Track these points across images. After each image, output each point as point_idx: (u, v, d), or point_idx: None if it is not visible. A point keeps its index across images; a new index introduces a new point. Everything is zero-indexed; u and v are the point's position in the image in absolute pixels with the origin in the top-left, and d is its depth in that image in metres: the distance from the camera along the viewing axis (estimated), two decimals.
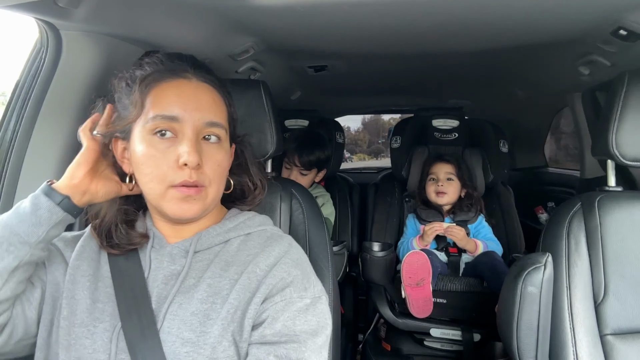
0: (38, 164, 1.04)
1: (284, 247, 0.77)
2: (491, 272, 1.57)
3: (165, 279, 0.74)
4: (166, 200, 0.71)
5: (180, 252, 0.76)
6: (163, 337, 0.69)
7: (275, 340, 0.68)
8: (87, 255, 0.77)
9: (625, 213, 1.06)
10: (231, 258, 0.76)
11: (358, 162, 4.14)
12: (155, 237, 0.78)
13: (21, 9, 0.84)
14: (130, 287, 0.73)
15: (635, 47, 1.22)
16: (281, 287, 0.71)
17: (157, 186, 0.71)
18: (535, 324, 0.99)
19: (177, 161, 0.69)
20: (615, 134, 1.06)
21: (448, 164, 1.87)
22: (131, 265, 0.76)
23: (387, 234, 1.93)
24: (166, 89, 0.73)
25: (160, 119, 0.70)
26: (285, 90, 2.18)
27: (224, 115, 0.77)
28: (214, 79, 0.78)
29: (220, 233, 0.79)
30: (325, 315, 0.73)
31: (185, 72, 0.75)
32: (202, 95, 0.74)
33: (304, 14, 1.14)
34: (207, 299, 0.71)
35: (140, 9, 0.99)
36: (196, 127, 0.71)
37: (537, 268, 0.99)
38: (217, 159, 0.73)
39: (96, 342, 0.70)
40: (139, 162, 0.72)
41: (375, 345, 1.84)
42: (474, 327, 1.60)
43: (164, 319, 0.71)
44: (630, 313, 1.01)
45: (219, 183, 0.75)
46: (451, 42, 1.42)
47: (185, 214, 0.72)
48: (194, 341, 0.68)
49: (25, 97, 1.04)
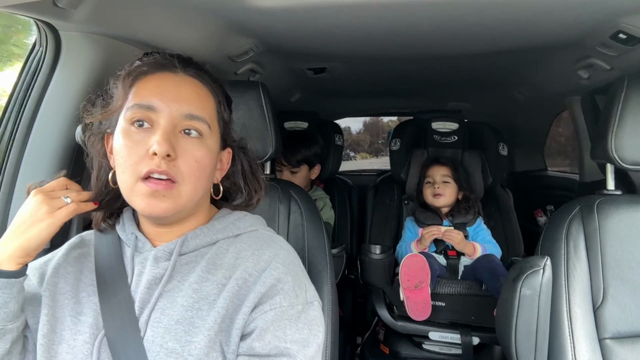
0: (36, 164, 1.04)
1: (275, 250, 0.74)
2: (490, 275, 1.56)
3: (148, 283, 0.71)
4: (134, 194, 0.67)
5: (164, 255, 0.72)
6: (147, 346, 0.66)
7: (265, 353, 0.65)
8: (64, 272, 0.75)
9: (624, 217, 1.06)
10: (219, 261, 0.72)
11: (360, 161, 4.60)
12: (138, 241, 0.75)
13: (20, 9, 0.84)
14: (114, 294, 0.70)
15: (634, 51, 1.22)
16: (271, 294, 0.68)
17: (127, 178, 0.68)
18: (533, 328, 0.99)
19: (148, 151, 0.66)
20: (614, 137, 1.06)
21: (444, 167, 1.87)
22: (115, 271, 0.73)
23: (386, 237, 1.93)
24: (149, 81, 0.71)
25: (137, 107, 0.68)
26: (284, 92, 2.18)
27: (210, 112, 0.73)
28: (203, 75, 0.75)
29: (208, 234, 0.75)
30: (317, 322, 0.70)
31: (172, 66, 0.73)
32: (184, 87, 0.71)
33: (303, 16, 1.14)
34: (192, 305, 0.68)
35: (140, 10, 0.99)
36: (173, 118, 0.68)
37: (535, 271, 0.99)
38: (194, 155, 0.69)
39: (76, 356, 0.67)
40: (116, 153, 0.70)
41: (374, 348, 1.84)
42: (472, 331, 1.59)
43: (146, 327, 0.68)
44: (629, 317, 1.00)
45: (195, 182, 0.69)
46: (451, 45, 1.42)
47: (154, 210, 0.67)
48: (178, 352, 0.65)
49: (24, 98, 1.04)
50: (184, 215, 0.74)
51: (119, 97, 0.71)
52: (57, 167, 1.05)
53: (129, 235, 0.76)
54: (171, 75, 0.72)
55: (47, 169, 1.04)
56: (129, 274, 0.73)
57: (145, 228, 0.77)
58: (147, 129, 0.68)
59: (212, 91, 0.75)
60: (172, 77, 0.72)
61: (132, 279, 0.72)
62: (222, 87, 0.79)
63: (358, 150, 4.79)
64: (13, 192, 1.03)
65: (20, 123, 1.03)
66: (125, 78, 0.71)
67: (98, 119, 0.74)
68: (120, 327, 0.67)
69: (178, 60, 0.73)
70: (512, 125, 2.62)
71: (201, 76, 0.74)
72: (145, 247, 0.75)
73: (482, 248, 1.72)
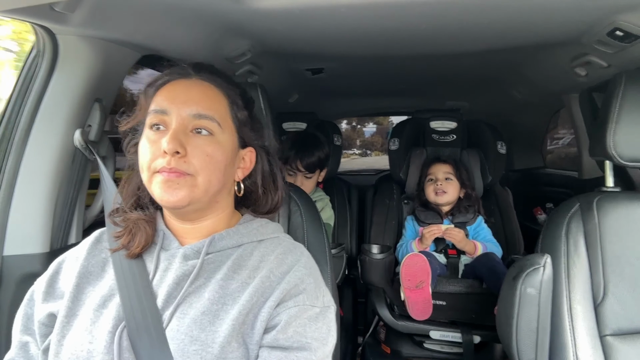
0: (35, 168, 1.04)
1: (297, 256, 0.79)
2: (490, 273, 1.57)
3: (177, 279, 0.74)
4: (152, 185, 0.73)
5: (193, 253, 0.77)
6: (171, 334, 0.70)
7: (287, 345, 0.69)
8: (84, 268, 0.78)
9: (623, 213, 1.06)
10: (244, 262, 0.77)
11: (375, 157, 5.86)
12: (165, 238, 0.79)
13: (18, 13, 0.84)
14: (133, 286, 0.74)
15: (631, 48, 1.22)
16: (295, 293, 0.73)
17: (145, 174, 0.74)
18: (534, 325, 0.99)
19: (161, 149, 0.72)
20: (612, 134, 1.06)
21: (446, 164, 1.88)
22: (135, 265, 0.76)
23: (386, 236, 1.93)
24: (165, 89, 0.77)
25: (153, 113, 0.75)
26: (282, 93, 2.18)
27: (221, 111, 0.77)
28: (216, 79, 0.80)
29: (234, 237, 0.80)
30: (333, 325, 0.75)
31: (186, 73, 0.79)
32: (193, 89, 0.77)
33: (300, 16, 1.14)
34: (218, 299, 0.72)
35: (137, 13, 0.99)
36: (182, 119, 0.73)
37: (536, 269, 0.99)
38: (205, 150, 0.74)
39: (100, 344, 0.70)
40: (138, 154, 0.76)
41: (375, 348, 1.84)
42: (473, 329, 1.60)
43: (172, 317, 0.71)
44: (630, 313, 1.00)
45: (209, 174, 0.74)
46: (448, 43, 1.43)
47: (171, 198, 0.72)
48: (202, 339, 0.68)
49: (22, 101, 1.04)
50: (202, 207, 0.78)
51: (142, 106, 0.78)
52: (55, 171, 1.05)
53: (158, 233, 0.80)
54: (183, 81, 0.78)
55: (46, 172, 1.04)
56: (152, 269, 0.77)
57: (171, 225, 0.81)
58: (162, 131, 0.74)
59: (225, 92, 0.80)
60: (184, 82, 0.78)
61: (155, 273, 0.76)
62: (239, 89, 0.83)
63: (372, 149, 6.21)
64: (12, 197, 1.03)
65: (19, 127, 1.03)
66: (148, 89, 0.79)
67: (128, 126, 0.81)
68: (141, 318, 0.71)
69: (193, 67, 0.80)
70: (511, 124, 2.63)
71: (213, 79, 0.80)
72: (173, 245, 0.79)
73: (482, 247, 1.72)
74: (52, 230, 1.06)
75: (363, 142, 6.46)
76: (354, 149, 6.24)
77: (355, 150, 6.29)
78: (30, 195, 1.04)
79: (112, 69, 1.09)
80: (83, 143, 1.06)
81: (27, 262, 1.02)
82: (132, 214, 0.80)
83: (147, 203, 0.82)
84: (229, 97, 0.80)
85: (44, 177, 1.04)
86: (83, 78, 1.03)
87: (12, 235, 1.03)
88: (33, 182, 1.04)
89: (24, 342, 0.76)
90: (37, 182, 1.04)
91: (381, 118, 5.44)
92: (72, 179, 1.10)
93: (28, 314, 0.78)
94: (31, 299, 0.79)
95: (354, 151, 6.20)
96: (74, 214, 1.14)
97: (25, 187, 1.04)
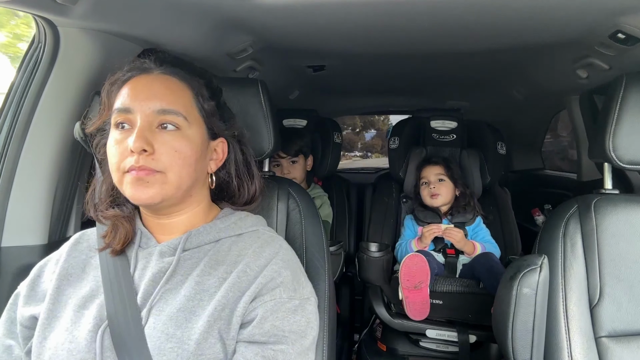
0: (34, 160, 1.04)
1: (275, 249, 0.78)
2: (488, 273, 1.57)
3: (153, 276, 0.74)
4: (124, 185, 0.72)
5: (169, 250, 0.76)
6: (148, 332, 0.69)
7: (264, 340, 0.69)
8: (65, 270, 0.78)
9: (621, 216, 1.06)
10: (221, 258, 0.76)
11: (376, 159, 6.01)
12: (142, 236, 0.79)
13: (19, 5, 0.84)
14: (117, 285, 0.74)
15: (633, 51, 1.22)
16: (271, 287, 0.72)
17: (115, 174, 0.73)
18: (530, 326, 0.99)
19: (128, 149, 0.71)
20: (612, 137, 1.06)
21: (437, 166, 1.88)
22: (119, 263, 0.76)
23: (384, 234, 1.93)
24: (127, 87, 0.75)
25: (117, 112, 0.74)
26: (283, 90, 2.18)
27: (185, 105, 0.76)
28: (179, 71, 0.78)
29: (211, 232, 0.79)
30: (313, 317, 0.75)
31: (147, 68, 0.77)
32: (156, 85, 0.75)
33: (302, 12, 1.14)
34: (194, 296, 0.72)
35: (139, 6, 0.99)
36: (147, 116, 0.72)
37: (532, 270, 0.99)
38: (173, 146, 0.72)
39: (80, 344, 0.70)
40: (106, 155, 0.75)
41: (371, 346, 1.84)
42: (470, 329, 1.60)
43: (149, 315, 0.71)
44: (626, 315, 1.01)
45: (179, 170, 0.73)
46: (450, 43, 1.42)
47: (142, 196, 0.71)
48: (178, 337, 0.68)
49: (22, 93, 1.04)
50: (176, 203, 0.78)
51: (105, 105, 0.77)
52: (55, 164, 1.05)
53: (136, 231, 0.80)
54: (144, 76, 0.76)
55: (45, 164, 1.04)
56: (131, 268, 0.76)
57: (147, 222, 0.81)
58: (128, 129, 0.73)
59: (189, 84, 0.78)
60: (145, 78, 0.76)
61: (134, 272, 0.76)
62: (204, 79, 0.82)
63: (372, 151, 6.42)
64: (11, 189, 1.03)
65: (19, 118, 1.03)
66: (110, 88, 0.77)
67: (93, 127, 0.80)
68: (123, 317, 0.70)
69: (154, 60, 0.78)
70: (511, 124, 2.62)
71: (176, 72, 0.78)
72: (150, 243, 0.79)
73: (481, 247, 1.72)
74: (51, 222, 1.06)
75: (364, 144, 6.57)
76: (356, 151, 6.32)
77: (357, 152, 6.37)
78: (29, 187, 1.04)
79: (113, 62, 1.09)
80: (83, 135, 1.06)
81: (25, 253, 1.02)
82: (109, 212, 0.80)
83: (123, 201, 0.81)
84: (194, 89, 0.78)
85: (43, 169, 1.04)
86: (84, 70, 1.03)
87: (11, 226, 1.03)
88: (32, 174, 1.04)
89: (7, 346, 0.76)
90: (36, 173, 1.04)
91: (380, 124, 5.68)
92: (72, 171, 1.10)
93: (11, 317, 0.78)
94: (14, 302, 0.79)
95: (355, 153, 6.27)
96: (73, 206, 1.14)
97: (24, 179, 1.03)
